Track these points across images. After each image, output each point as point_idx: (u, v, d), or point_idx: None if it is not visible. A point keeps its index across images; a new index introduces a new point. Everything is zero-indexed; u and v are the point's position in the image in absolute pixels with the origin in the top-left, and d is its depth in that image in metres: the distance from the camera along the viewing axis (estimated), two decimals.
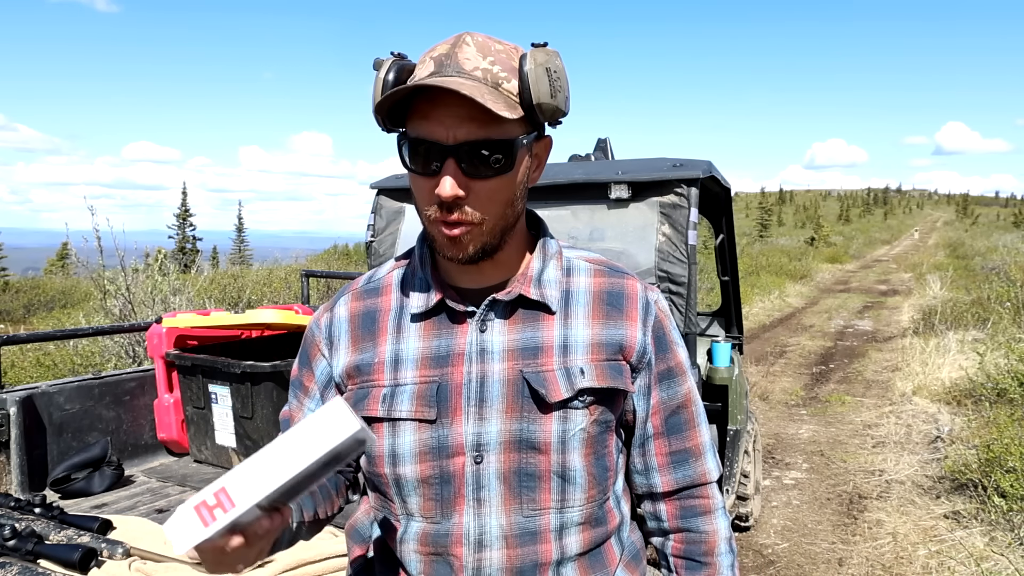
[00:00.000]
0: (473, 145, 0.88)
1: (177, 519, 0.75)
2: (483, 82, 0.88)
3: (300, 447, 0.78)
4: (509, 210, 0.95)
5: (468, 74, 0.88)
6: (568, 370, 0.98)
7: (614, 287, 1.04)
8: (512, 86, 0.90)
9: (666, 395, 1.05)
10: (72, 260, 9.56)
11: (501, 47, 0.92)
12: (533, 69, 0.89)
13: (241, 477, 0.77)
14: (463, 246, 0.93)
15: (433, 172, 0.90)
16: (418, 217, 0.98)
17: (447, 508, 0.98)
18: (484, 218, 0.92)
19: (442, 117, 0.88)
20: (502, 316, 1.00)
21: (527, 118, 0.92)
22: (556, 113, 0.93)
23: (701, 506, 1.08)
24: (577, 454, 0.98)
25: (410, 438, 0.98)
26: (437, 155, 0.89)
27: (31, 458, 2.68)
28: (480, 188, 0.91)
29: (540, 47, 0.92)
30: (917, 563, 3.61)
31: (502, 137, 0.90)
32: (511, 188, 0.94)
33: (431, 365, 0.99)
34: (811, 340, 10.48)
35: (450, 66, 0.89)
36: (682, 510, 1.08)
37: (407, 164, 0.94)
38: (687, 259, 2.51)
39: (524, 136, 0.93)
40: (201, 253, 29.28)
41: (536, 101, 0.90)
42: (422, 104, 0.90)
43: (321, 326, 1.07)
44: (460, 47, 0.90)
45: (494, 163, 0.90)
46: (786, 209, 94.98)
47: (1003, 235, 34.26)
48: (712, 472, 1.08)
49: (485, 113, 0.87)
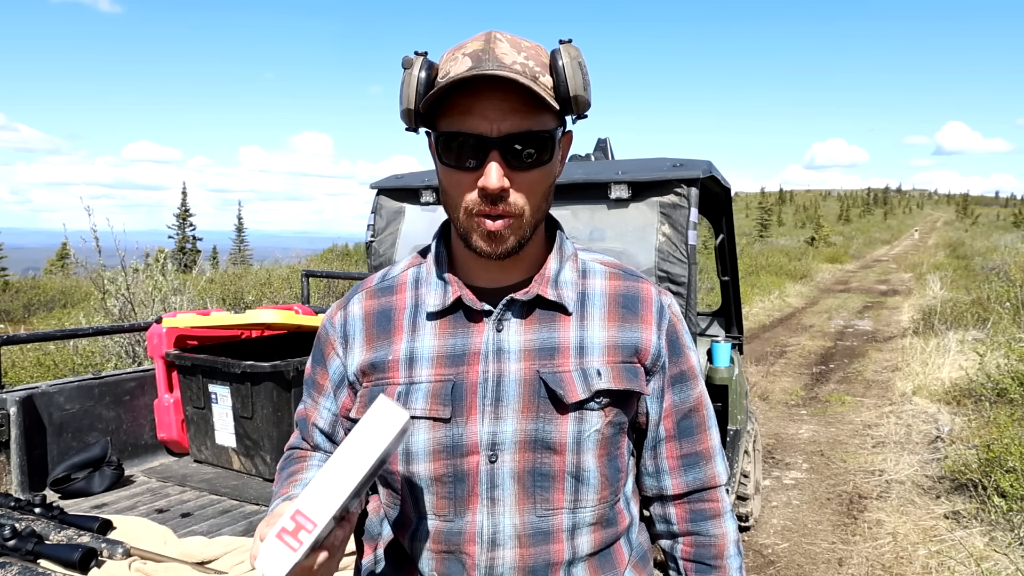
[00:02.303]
0: (517, 137, 0.90)
1: (265, 552, 0.78)
2: (523, 75, 0.89)
3: (359, 451, 0.82)
4: (545, 203, 0.97)
5: (509, 68, 0.88)
6: (585, 371, 0.98)
7: (629, 290, 1.05)
8: (547, 80, 0.92)
9: (679, 398, 1.06)
10: (72, 260, 9.57)
11: (528, 45, 0.93)
12: (568, 63, 0.91)
13: (313, 496, 0.80)
14: (503, 239, 0.93)
15: (473, 166, 0.91)
16: (421, 215, 0.98)
17: (460, 507, 0.98)
18: (524, 209, 0.93)
19: (485, 110, 0.89)
20: (519, 316, 1.00)
21: (559, 111, 0.94)
22: (586, 106, 0.95)
23: (711, 509, 1.08)
24: (591, 455, 0.99)
25: (424, 436, 0.98)
26: (480, 148, 0.90)
27: (31, 458, 2.68)
28: (521, 180, 0.92)
29: (567, 43, 0.93)
30: (917, 563, 3.61)
31: (543, 129, 0.91)
32: (549, 180, 0.96)
33: (447, 363, 0.99)
34: (811, 340, 10.48)
35: (490, 60, 0.89)
36: (692, 513, 1.09)
37: (443, 160, 0.94)
38: (687, 259, 2.51)
39: (560, 128, 0.95)
40: (201, 253, 29.28)
41: (573, 94, 0.91)
42: (462, 98, 0.90)
43: (335, 324, 1.07)
44: (494, 43, 0.91)
45: (535, 155, 0.91)
46: (786, 209, 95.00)
47: (1003, 235, 34.26)
48: (721, 475, 1.09)
49: (527, 105, 0.89)
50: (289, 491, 1.01)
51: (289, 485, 1.03)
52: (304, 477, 1.04)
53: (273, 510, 0.96)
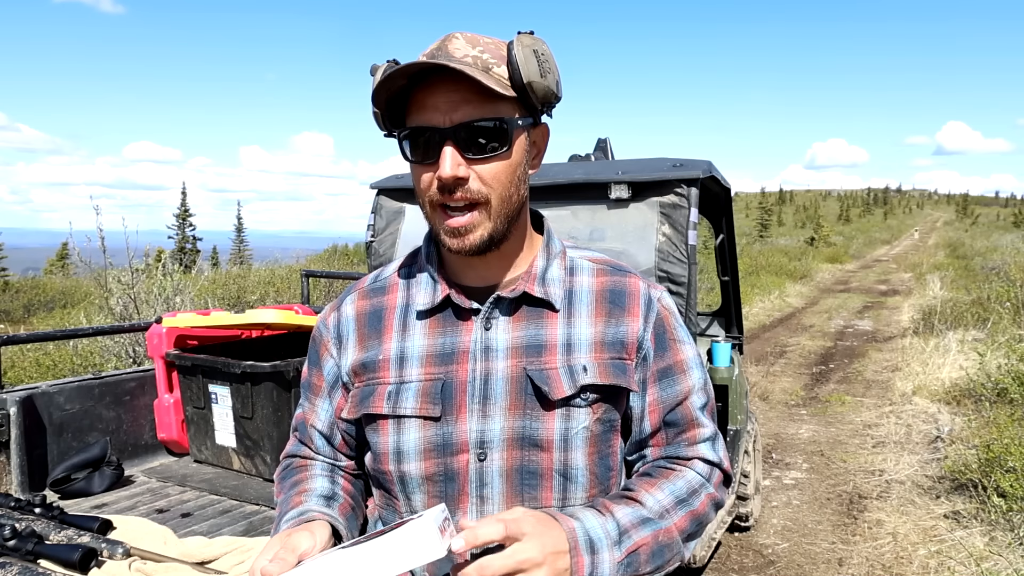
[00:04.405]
0: (469, 126, 0.90)
1: None
2: (473, 67, 0.90)
3: (384, 561, 0.77)
4: (511, 192, 0.95)
5: (458, 61, 0.90)
6: (571, 368, 0.98)
7: (616, 285, 1.04)
8: (502, 71, 0.92)
9: (664, 393, 1.04)
10: (73, 260, 9.57)
11: (489, 40, 0.94)
12: (520, 51, 0.91)
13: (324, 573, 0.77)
14: (467, 233, 0.93)
15: (432, 159, 0.92)
16: (422, 215, 0.99)
17: (451, 505, 0.98)
18: (489, 196, 0.93)
19: (438, 103, 0.90)
20: (506, 314, 1.00)
21: (520, 101, 0.94)
22: (548, 95, 0.94)
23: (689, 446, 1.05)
24: (580, 452, 0.98)
25: (415, 435, 0.98)
26: (436, 140, 0.91)
27: (31, 458, 2.68)
28: (480, 170, 0.92)
29: (526, 33, 0.94)
30: (917, 563, 3.61)
31: (497, 116, 0.91)
32: (510, 169, 0.95)
33: (436, 362, 0.99)
34: (811, 340, 10.48)
35: (440, 56, 0.90)
36: (668, 448, 1.05)
37: (407, 157, 0.95)
38: (687, 259, 2.51)
39: (519, 118, 0.94)
40: (201, 253, 29.28)
41: (526, 80, 0.91)
42: (418, 95, 0.92)
43: (329, 325, 1.08)
44: (449, 40, 0.92)
45: (491, 143, 0.91)
46: (786, 209, 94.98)
47: (1003, 235, 34.24)
48: (705, 449, 1.05)
49: (479, 94, 0.89)
50: (301, 501, 1.00)
51: (299, 495, 1.02)
52: (309, 487, 1.03)
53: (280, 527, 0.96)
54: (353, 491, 1.09)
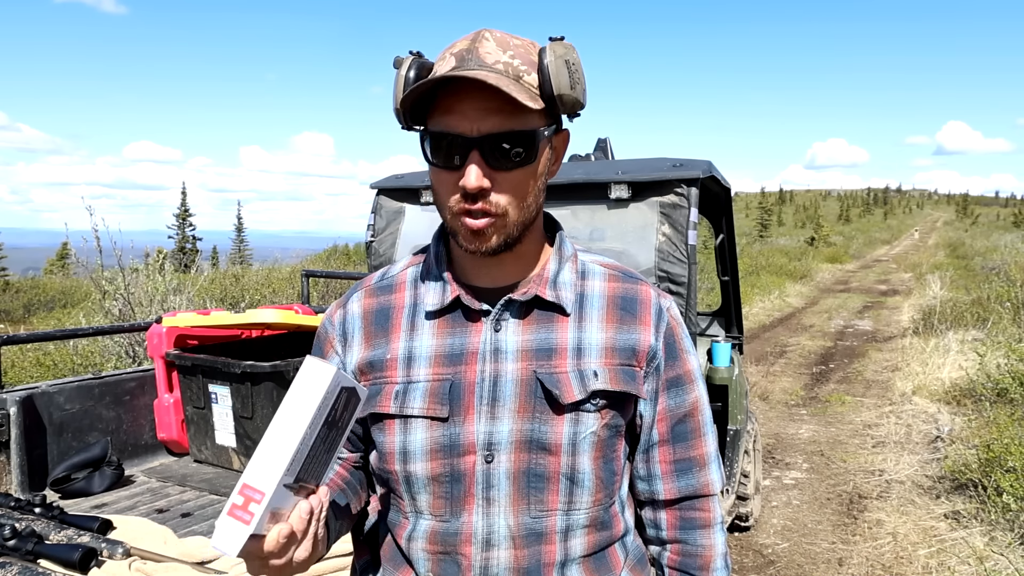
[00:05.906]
0: (497, 137, 0.89)
1: (219, 531, 0.78)
2: (504, 75, 0.89)
3: (292, 413, 0.81)
4: (531, 202, 0.96)
5: (490, 67, 0.89)
6: (582, 372, 0.98)
7: (628, 292, 1.04)
8: (532, 79, 0.91)
9: (673, 402, 1.05)
10: (72, 260, 9.56)
11: (519, 42, 0.93)
12: (553, 61, 0.91)
13: (255, 467, 0.79)
14: (486, 238, 0.93)
15: (456, 166, 0.91)
16: (422, 215, 0.99)
17: (457, 507, 0.98)
18: (507, 208, 0.93)
19: (466, 110, 0.89)
20: (517, 316, 1.00)
21: (547, 110, 0.93)
22: (575, 105, 0.94)
23: (701, 519, 1.07)
24: (587, 457, 0.98)
25: (422, 435, 0.98)
26: (461, 148, 0.90)
27: (31, 458, 2.68)
28: (503, 180, 0.92)
29: (558, 40, 0.93)
30: (917, 563, 3.61)
31: (525, 129, 0.91)
32: (533, 180, 0.95)
33: (444, 363, 0.99)
34: (811, 340, 10.48)
35: (471, 60, 0.90)
36: (682, 521, 1.07)
37: (429, 158, 0.95)
38: (687, 259, 2.51)
39: (545, 128, 0.94)
40: (201, 253, 29.27)
41: (557, 92, 0.91)
42: (445, 99, 0.91)
43: (334, 322, 1.07)
44: (480, 42, 0.91)
45: (517, 155, 0.91)
46: (786, 209, 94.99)
47: (1003, 235, 34.24)
48: (715, 484, 1.08)
49: (508, 104, 0.88)
50: None
51: None
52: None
53: None
54: (348, 477, 1.08)
